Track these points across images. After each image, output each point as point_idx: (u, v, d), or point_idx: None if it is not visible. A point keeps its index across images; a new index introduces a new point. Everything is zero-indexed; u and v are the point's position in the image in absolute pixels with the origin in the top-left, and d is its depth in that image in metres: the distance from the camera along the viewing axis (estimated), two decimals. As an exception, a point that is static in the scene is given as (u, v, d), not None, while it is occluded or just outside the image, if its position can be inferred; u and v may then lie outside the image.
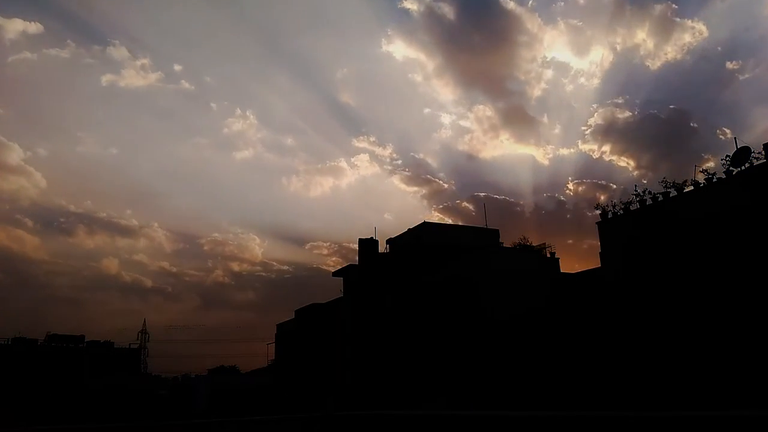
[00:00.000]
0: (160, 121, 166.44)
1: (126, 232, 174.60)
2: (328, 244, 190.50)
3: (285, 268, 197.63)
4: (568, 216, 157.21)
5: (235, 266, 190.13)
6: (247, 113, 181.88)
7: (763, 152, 17.57)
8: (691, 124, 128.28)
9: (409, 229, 35.78)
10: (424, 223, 35.04)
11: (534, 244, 30.29)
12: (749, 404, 15.07)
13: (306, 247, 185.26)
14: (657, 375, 18.67)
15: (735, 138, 18.42)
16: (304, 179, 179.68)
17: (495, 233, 35.58)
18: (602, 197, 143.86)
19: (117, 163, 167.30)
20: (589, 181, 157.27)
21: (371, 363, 35.18)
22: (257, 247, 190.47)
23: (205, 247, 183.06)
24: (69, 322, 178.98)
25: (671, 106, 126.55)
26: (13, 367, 75.35)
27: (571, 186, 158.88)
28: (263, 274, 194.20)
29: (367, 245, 38.59)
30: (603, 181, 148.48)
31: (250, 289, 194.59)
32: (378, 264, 37.07)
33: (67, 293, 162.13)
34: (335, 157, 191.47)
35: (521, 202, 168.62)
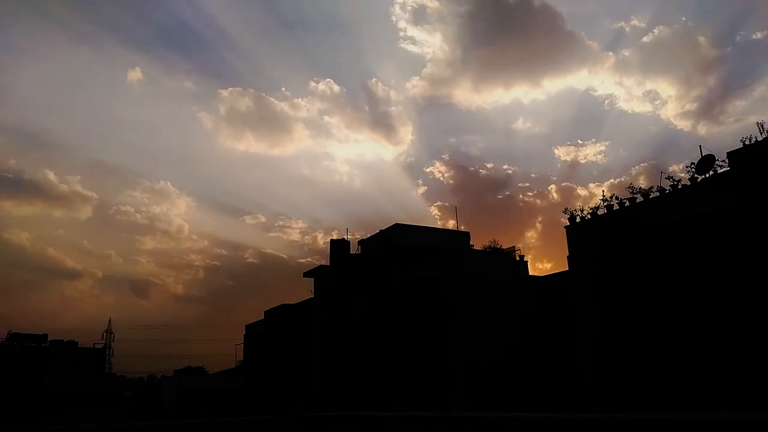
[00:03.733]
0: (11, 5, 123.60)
1: (20, 190, 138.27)
2: (266, 217, 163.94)
3: (222, 252, 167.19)
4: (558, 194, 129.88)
5: (158, 243, 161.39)
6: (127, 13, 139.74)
7: (727, 160, 18.01)
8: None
9: (380, 231, 36.03)
10: (396, 224, 35.19)
11: (504, 247, 30.75)
12: (720, 409, 15.46)
13: (242, 220, 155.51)
14: (628, 380, 19.02)
15: (700, 146, 18.93)
16: (226, 122, 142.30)
17: (466, 235, 36.18)
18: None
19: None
20: (592, 141, 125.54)
21: (341, 364, 35.15)
22: (179, 219, 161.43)
23: (118, 216, 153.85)
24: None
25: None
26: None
27: (565, 151, 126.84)
28: (194, 256, 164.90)
29: (339, 246, 38.64)
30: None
31: (182, 278, 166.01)
32: (349, 265, 37.07)
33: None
34: (258, 83, 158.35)
35: (505, 169, 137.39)
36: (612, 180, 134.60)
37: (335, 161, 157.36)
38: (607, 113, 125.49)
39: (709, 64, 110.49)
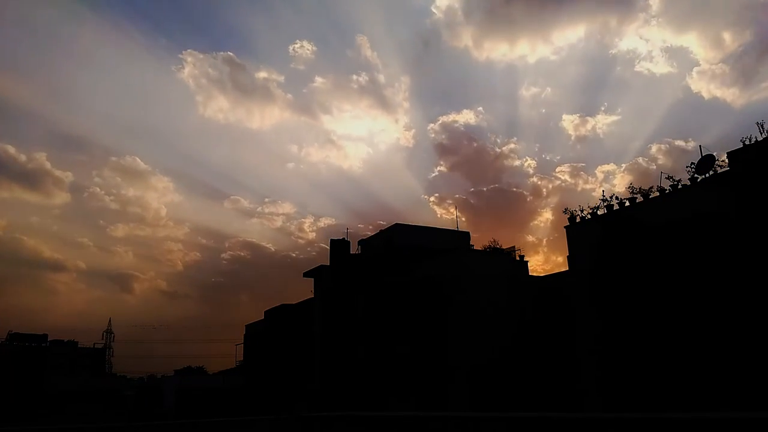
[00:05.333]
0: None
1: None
2: (248, 199, 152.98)
3: (203, 241, 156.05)
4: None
5: (134, 230, 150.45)
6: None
7: (727, 160, 18.01)
8: None
9: (380, 231, 36.29)
10: (396, 224, 35.35)
11: (504, 247, 30.80)
12: (721, 409, 15.45)
13: (223, 204, 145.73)
14: (625, 383, 19.01)
15: (700, 146, 18.92)
16: (198, 90, 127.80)
17: (466, 235, 36.43)
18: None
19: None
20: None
21: (341, 364, 35.15)
22: (156, 202, 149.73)
23: (91, 202, 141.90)
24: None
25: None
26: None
27: (575, 123, 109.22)
28: (173, 245, 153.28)
29: (339, 246, 38.72)
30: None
31: (163, 272, 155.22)
32: (349, 265, 37.12)
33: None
34: (231, 45, 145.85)
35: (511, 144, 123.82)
36: (626, 163, 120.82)
37: (320, 136, 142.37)
38: (624, 75, 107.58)
39: (746, 12, 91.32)
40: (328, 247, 38.86)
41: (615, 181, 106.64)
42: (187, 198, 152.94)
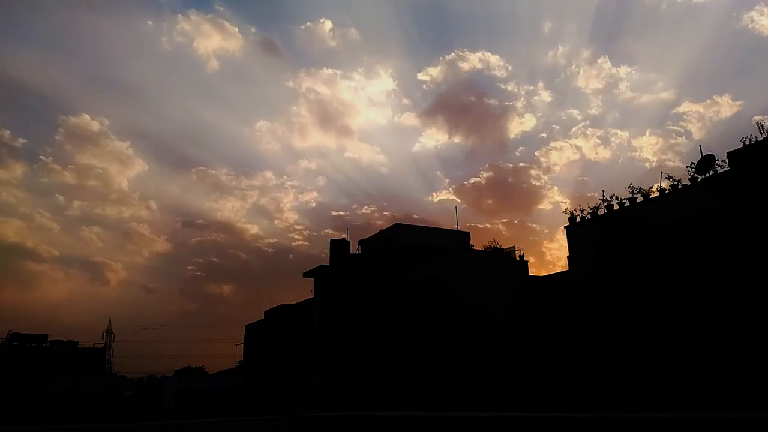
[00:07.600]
0: None
1: None
2: (218, 170, 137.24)
3: (172, 222, 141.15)
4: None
5: (97, 208, 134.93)
6: None
7: (727, 160, 18.00)
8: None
9: (380, 231, 36.37)
10: (396, 224, 35.43)
11: (504, 248, 30.76)
12: (721, 409, 15.45)
13: (192, 175, 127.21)
14: (624, 382, 19.01)
15: (700, 146, 18.92)
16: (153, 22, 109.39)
17: (466, 235, 36.49)
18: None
19: None
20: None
21: (341, 364, 35.16)
22: (117, 173, 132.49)
23: (42, 173, 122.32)
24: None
25: None
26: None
27: (593, 74, 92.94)
28: (141, 227, 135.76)
29: (339, 246, 38.76)
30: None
31: (136, 263, 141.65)
32: (349, 265, 37.15)
33: None
34: None
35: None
36: (650, 130, 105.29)
37: (290, 86, 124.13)
38: (657, 5, 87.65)
39: None
40: (312, 232, 39.00)
41: (642, 149, 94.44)
42: (151, 167, 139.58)
